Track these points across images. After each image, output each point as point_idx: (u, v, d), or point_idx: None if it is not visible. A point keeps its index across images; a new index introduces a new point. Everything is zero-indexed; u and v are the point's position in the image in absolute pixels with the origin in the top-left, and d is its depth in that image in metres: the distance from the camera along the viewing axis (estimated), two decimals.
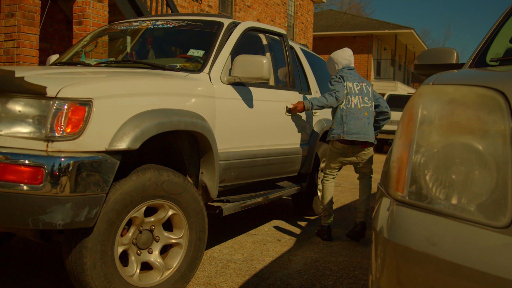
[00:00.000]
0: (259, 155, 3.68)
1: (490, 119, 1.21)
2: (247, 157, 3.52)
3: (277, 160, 3.96)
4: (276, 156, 3.92)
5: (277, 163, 3.97)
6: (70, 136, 2.21)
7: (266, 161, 3.78)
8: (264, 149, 3.76)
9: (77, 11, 6.77)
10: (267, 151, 3.80)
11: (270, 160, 3.83)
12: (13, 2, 6.07)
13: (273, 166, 3.93)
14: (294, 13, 17.58)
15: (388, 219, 1.32)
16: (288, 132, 4.19)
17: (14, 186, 2.11)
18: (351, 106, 4.04)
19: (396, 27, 25.56)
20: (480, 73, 1.68)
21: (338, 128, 4.04)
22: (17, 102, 2.26)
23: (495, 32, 2.53)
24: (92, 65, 3.50)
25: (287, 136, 4.17)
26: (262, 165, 3.75)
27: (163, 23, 3.84)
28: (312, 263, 3.57)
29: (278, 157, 3.96)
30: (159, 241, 2.73)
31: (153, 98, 2.63)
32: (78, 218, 2.20)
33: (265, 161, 3.76)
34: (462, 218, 1.18)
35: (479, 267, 1.08)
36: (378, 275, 1.32)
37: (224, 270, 3.32)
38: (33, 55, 6.17)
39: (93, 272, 2.34)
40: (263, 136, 3.75)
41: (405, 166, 1.32)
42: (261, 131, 3.73)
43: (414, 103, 1.38)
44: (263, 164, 3.76)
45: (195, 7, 11.54)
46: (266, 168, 3.84)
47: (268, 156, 3.80)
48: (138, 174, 2.51)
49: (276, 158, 3.94)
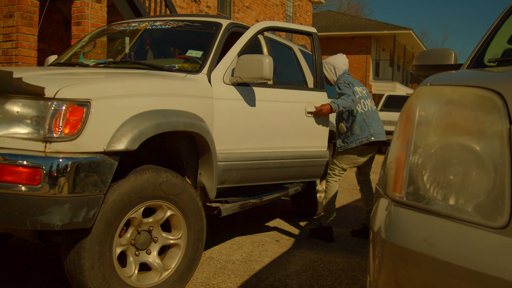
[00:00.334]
0: (270, 157, 3.58)
1: (488, 120, 1.21)
2: (253, 159, 3.45)
3: (295, 163, 3.83)
4: (293, 159, 3.80)
5: (295, 166, 3.84)
6: (68, 137, 2.21)
7: (279, 164, 3.67)
8: (277, 152, 3.65)
9: (75, 11, 6.77)
10: (281, 154, 3.68)
11: (284, 163, 3.71)
12: (11, 3, 6.06)
13: (290, 170, 3.81)
14: (293, 14, 17.59)
15: (386, 219, 1.32)
16: (311, 135, 4.00)
17: (12, 187, 2.11)
18: (369, 109, 4.16)
19: (395, 28, 25.58)
20: (477, 74, 1.68)
21: (364, 132, 4.09)
22: (15, 102, 2.26)
23: (493, 33, 2.54)
24: (91, 65, 3.49)
25: (309, 138, 3.99)
26: (274, 167, 3.64)
27: (161, 24, 3.84)
28: (310, 263, 3.57)
29: (296, 160, 3.83)
30: (158, 242, 2.73)
31: (152, 99, 2.63)
32: (76, 219, 2.20)
33: (277, 163, 3.65)
34: (460, 218, 1.19)
35: (476, 267, 1.08)
36: (376, 275, 1.32)
37: (223, 271, 3.32)
38: (32, 56, 6.17)
39: (91, 273, 2.34)
40: (274, 138, 3.64)
41: (402, 166, 1.32)
42: (271, 133, 3.62)
43: (412, 103, 1.38)
44: (276, 166, 3.65)
45: (194, 7, 11.55)
46: (280, 171, 3.72)
47: (282, 158, 3.69)
48: (136, 175, 2.51)
49: (294, 161, 3.81)
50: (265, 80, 3.21)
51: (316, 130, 4.04)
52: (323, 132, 4.12)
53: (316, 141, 4.05)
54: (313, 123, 3.99)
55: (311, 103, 3.96)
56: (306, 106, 3.92)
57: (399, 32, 25.55)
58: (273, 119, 3.62)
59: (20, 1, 6.00)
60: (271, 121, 3.61)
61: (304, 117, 3.90)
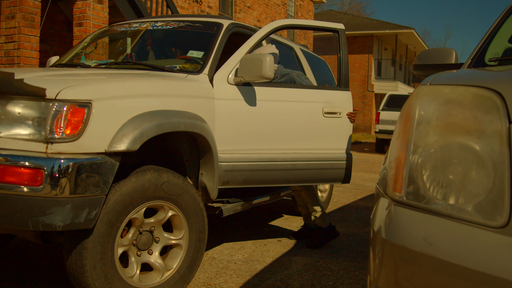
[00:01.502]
0: (279, 159, 3.44)
1: (487, 119, 1.21)
2: (259, 160, 3.35)
3: (311, 165, 3.62)
4: (307, 161, 3.59)
5: (310, 168, 3.62)
6: (70, 138, 2.21)
7: (290, 166, 3.51)
8: (288, 153, 3.50)
9: (77, 12, 6.77)
10: (293, 156, 3.52)
11: (297, 165, 3.53)
12: (13, 4, 6.07)
13: (304, 172, 3.60)
14: (295, 14, 17.59)
15: (386, 219, 1.33)
16: (330, 136, 3.74)
17: (14, 188, 2.12)
18: None
19: (397, 27, 25.56)
20: (477, 73, 1.68)
21: None
22: (16, 104, 2.27)
23: (494, 32, 2.54)
24: (92, 66, 3.50)
25: (327, 140, 3.72)
26: (284, 169, 3.48)
27: (162, 25, 3.85)
28: (312, 263, 3.58)
29: (311, 163, 3.62)
30: (159, 242, 2.73)
31: (153, 100, 2.64)
32: (78, 219, 2.21)
33: (288, 165, 3.50)
34: (460, 218, 1.19)
35: (476, 267, 1.09)
36: (376, 275, 1.33)
37: (225, 271, 3.32)
38: (34, 57, 6.18)
39: (93, 273, 2.35)
40: (284, 139, 3.50)
41: (402, 166, 1.32)
42: (280, 134, 3.48)
43: (412, 103, 1.39)
44: (286, 169, 3.49)
45: (195, 8, 11.55)
46: (293, 173, 3.55)
47: (295, 160, 3.52)
48: (137, 175, 2.52)
49: (309, 163, 3.60)
50: (265, 79, 3.12)
51: (336, 131, 3.77)
52: (344, 133, 3.82)
53: (336, 143, 3.78)
54: (332, 124, 3.72)
55: (330, 103, 3.71)
56: (324, 106, 3.67)
57: (401, 31, 25.53)
58: (282, 120, 3.48)
59: (22, 2, 6.02)
60: (280, 122, 3.47)
61: (321, 118, 3.67)
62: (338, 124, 3.74)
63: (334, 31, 3.86)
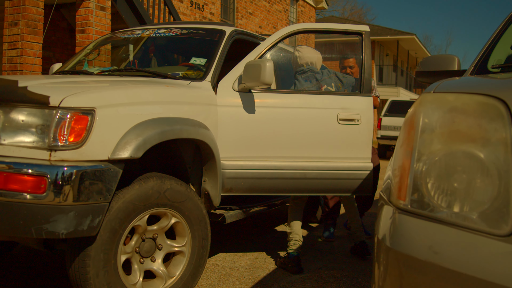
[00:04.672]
0: (287, 167, 3.32)
1: (491, 127, 1.21)
2: (265, 168, 3.27)
3: (323, 175, 3.42)
4: (319, 171, 3.40)
5: (322, 178, 3.42)
6: (73, 145, 2.22)
7: (300, 175, 3.36)
8: (298, 162, 3.36)
9: (80, 19, 6.80)
10: (303, 164, 3.36)
11: (307, 174, 3.37)
12: (16, 11, 6.10)
13: (315, 182, 3.43)
14: (296, 20, 17.63)
15: (390, 227, 1.32)
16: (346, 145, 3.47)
17: (17, 195, 2.12)
18: None
19: (398, 33, 25.63)
20: (481, 80, 1.68)
21: None
22: (20, 111, 2.27)
23: (496, 39, 2.53)
24: (95, 73, 3.51)
25: (343, 149, 3.47)
26: (292, 178, 3.35)
27: (165, 32, 3.86)
28: (315, 270, 3.56)
29: (324, 172, 3.41)
30: (162, 249, 2.73)
31: (156, 107, 2.64)
32: (81, 227, 2.21)
33: (297, 174, 3.35)
34: (464, 226, 1.18)
35: (481, 275, 1.08)
36: (380, 283, 1.32)
37: (227, 278, 3.31)
38: (36, 64, 6.20)
39: (96, 281, 2.35)
40: (292, 147, 3.35)
41: (407, 174, 1.32)
42: (288, 141, 3.34)
43: (416, 111, 1.39)
44: (295, 177, 3.35)
45: (198, 14, 11.59)
46: (302, 182, 3.40)
47: (305, 169, 3.36)
48: (140, 182, 2.52)
49: (321, 172, 3.41)
50: (265, 85, 3.07)
51: (353, 140, 3.49)
52: (362, 141, 3.51)
53: (353, 152, 3.49)
54: (349, 131, 3.45)
55: (346, 109, 3.44)
56: (339, 113, 3.41)
57: (403, 37, 25.59)
58: (290, 127, 3.35)
59: (25, 9, 6.04)
60: (288, 129, 3.34)
61: (335, 125, 3.42)
62: (355, 131, 3.46)
63: (357, 34, 3.67)
